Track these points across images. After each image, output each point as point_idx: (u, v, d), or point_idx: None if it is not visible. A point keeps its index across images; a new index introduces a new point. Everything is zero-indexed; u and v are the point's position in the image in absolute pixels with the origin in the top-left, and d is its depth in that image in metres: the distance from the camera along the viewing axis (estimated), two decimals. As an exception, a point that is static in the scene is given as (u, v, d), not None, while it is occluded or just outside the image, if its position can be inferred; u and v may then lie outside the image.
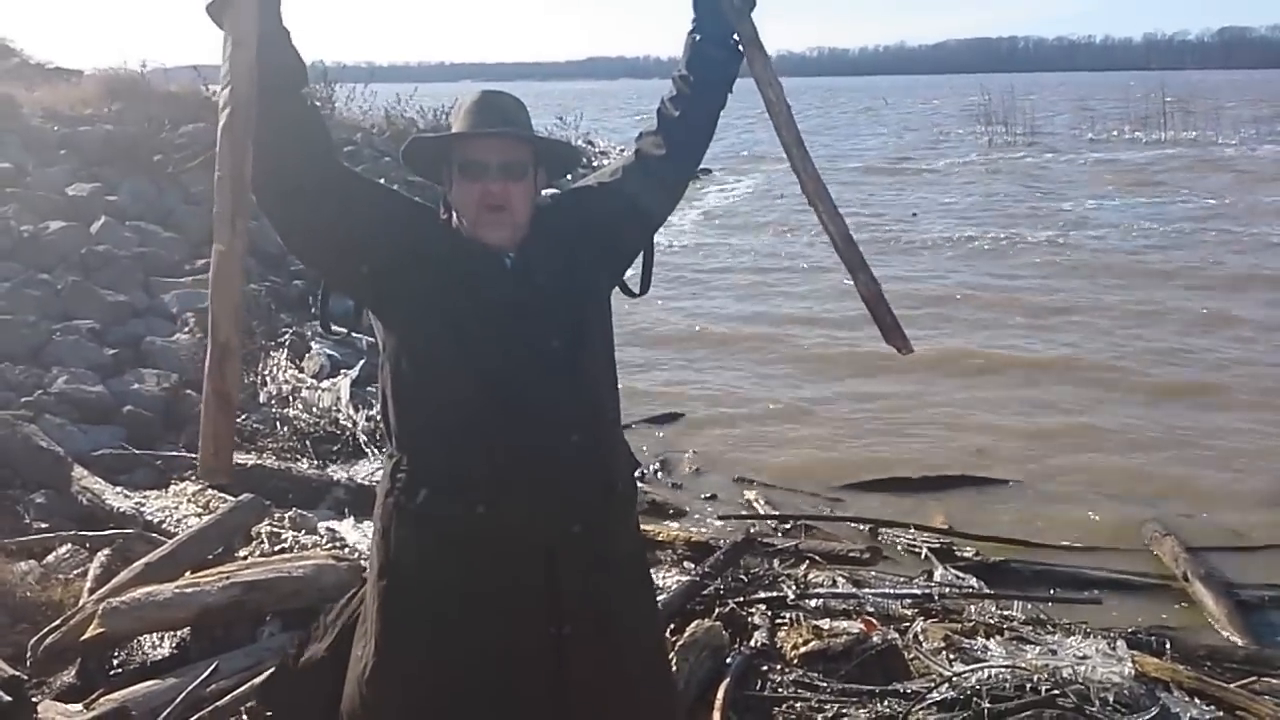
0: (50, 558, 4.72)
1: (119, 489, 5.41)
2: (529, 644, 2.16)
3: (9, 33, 17.67)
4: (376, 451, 6.61)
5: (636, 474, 2.53)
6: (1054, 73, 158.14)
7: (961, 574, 4.95)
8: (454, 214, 2.23)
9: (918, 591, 4.64)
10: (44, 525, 5.09)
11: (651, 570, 4.84)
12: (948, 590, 4.70)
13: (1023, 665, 3.70)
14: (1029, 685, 3.56)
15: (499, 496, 2.11)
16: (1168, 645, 4.22)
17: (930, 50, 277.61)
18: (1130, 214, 17.84)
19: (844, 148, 32.91)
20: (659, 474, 6.68)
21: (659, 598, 4.35)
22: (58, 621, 3.90)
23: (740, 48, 2.41)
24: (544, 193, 2.32)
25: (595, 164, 21.18)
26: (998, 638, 4.17)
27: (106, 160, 10.93)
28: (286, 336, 8.40)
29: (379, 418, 2.30)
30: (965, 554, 5.22)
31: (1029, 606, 4.59)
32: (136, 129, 11.82)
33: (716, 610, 4.29)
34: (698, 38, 2.42)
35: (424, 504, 2.15)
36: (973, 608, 4.55)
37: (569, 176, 2.65)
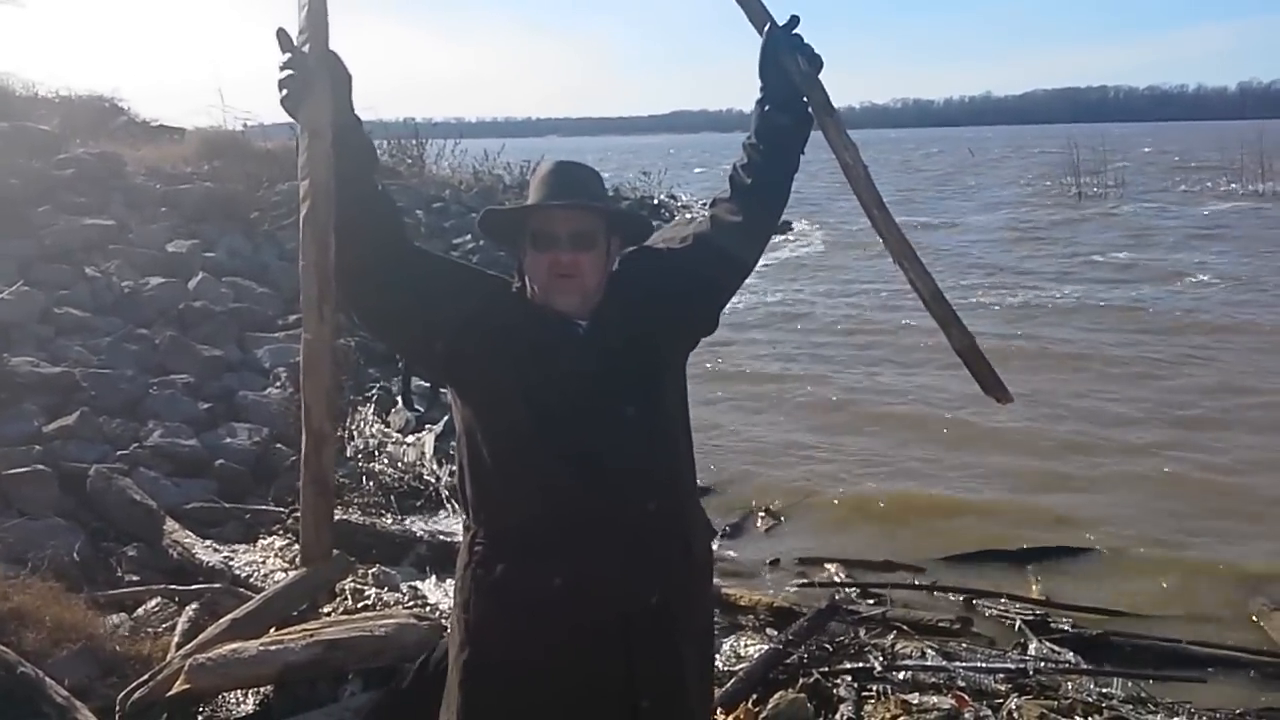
0: (140, 611, 4.81)
1: (209, 543, 5.50)
2: (609, 717, 2.15)
3: (119, 92, 18.35)
4: (458, 507, 6.64)
5: (714, 542, 2.50)
6: (1146, 123, 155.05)
7: (1057, 648, 4.77)
8: (526, 282, 2.23)
9: (1011, 666, 4.48)
10: (135, 578, 5.19)
11: (733, 637, 4.80)
12: (1043, 665, 4.53)
13: (1124, 749, 3.54)
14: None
15: (576, 568, 2.10)
16: (1279, 729, 4.02)
17: (1017, 100, 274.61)
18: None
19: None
20: (733, 536, 6.59)
21: (740, 666, 4.29)
22: (145, 676, 3.94)
23: (810, 112, 2.39)
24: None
25: (675, 218, 21.28)
26: (1096, 717, 4.03)
27: (205, 217, 11.29)
28: (374, 391, 8.53)
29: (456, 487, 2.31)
30: (1061, 626, 5.00)
31: (1129, 684, 4.42)
32: (234, 186, 12.21)
33: (800, 680, 4.20)
34: (767, 108, 2.42)
35: (502, 576, 2.14)
36: (1069, 684, 4.39)
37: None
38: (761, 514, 6.97)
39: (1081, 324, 13.29)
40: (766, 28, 2.40)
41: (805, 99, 2.39)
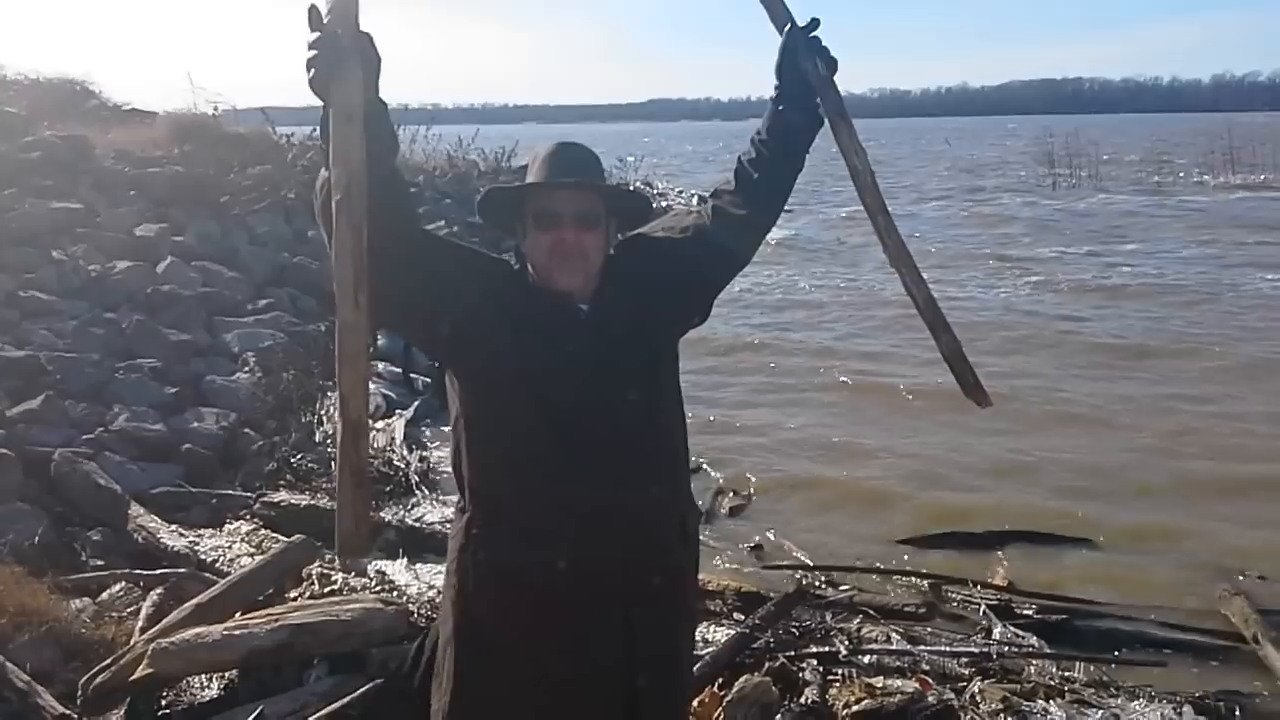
0: (104, 595, 4.78)
1: (174, 527, 5.47)
2: (607, 696, 2.17)
3: (90, 75, 18.01)
4: (427, 492, 6.63)
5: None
6: (1120, 114, 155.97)
7: (1021, 632, 4.81)
8: (527, 265, 2.23)
9: (975, 650, 4.51)
10: (99, 562, 5.16)
11: (700, 621, 4.79)
12: (1007, 649, 4.56)
13: (1084, 731, 3.57)
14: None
15: (580, 551, 2.12)
16: (1237, 711, 4.08)
17: (994, 91, 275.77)
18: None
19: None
20: (702, 519, 6.57)
21: (707, 650, 4.30)
22: (108, 661, 3.92)
23: (822, 114, 2.41)
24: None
25: (654, 206, 21.09)
26: (1058, 700, 4.05)
27: (174, 201, 11.16)
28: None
29: (450, 468, 2.31)
30: (1025, 611, 5.05)
31: (1091, 668, 4.46)
32: (204, 170, 12.06)
33: (766, 664, 4.20)
34: (780, 107, 2.43)
35: (502, 559, 2.15)
36: (1032, 668, 4.42)
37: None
38: (729, 496, 6.99)
39: (1065, 310, 13.42)
40: (787, 28, 2.41)
41: (819, 101, 2.40)
